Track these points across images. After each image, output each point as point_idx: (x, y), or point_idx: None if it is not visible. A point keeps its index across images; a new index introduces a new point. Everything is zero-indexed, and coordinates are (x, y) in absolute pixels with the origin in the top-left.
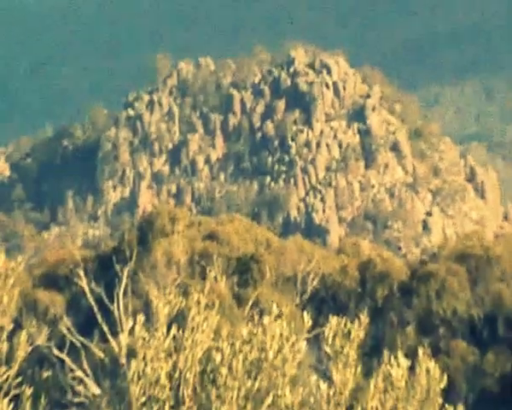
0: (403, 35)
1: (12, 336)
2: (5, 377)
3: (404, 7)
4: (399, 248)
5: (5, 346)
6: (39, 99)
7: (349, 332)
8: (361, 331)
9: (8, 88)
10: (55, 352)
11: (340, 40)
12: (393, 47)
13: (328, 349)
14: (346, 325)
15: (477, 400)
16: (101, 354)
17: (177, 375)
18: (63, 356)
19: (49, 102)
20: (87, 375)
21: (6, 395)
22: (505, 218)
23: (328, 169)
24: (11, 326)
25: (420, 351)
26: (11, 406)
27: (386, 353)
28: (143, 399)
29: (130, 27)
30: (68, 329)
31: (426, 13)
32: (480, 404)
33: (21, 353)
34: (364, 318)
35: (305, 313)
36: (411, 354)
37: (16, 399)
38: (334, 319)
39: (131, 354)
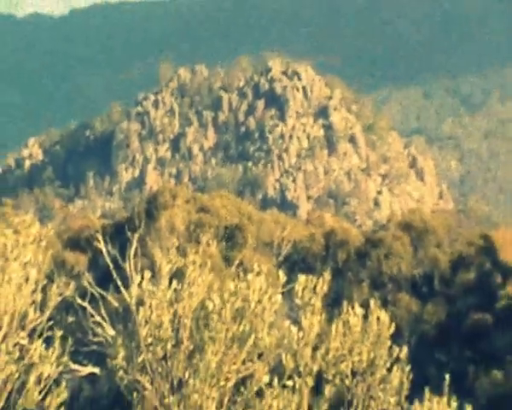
0: (359, 48)
1: (45, 288)
2: (39, 321)
3: (361, 26)
4: (355, 221)
5: (39, 296)
6: (66, 99)
7: (315, 287)
8: (325, 286)
9: (42, 90)
10: (79, 301)
11: (309, 52)
12: (352, 58)
13: (298, 301)
14: (312, 281)
15: (418, 342)
16: (116, 303)
17: (176, 321)
18: (85, 304)
19: (75, 101)
20: (104, 320)
21: (40, 336)
22: (440, 197)
23: (298, 156)
24: (45, 281)
25: (372, 302)
26: (44, 345)
27: (345, 304)
28: (150, 340)
29: (139, 42)
30: (89, 282)
31: (378, 31)
32: (421, 345)
33: (52, 302)
34: (327, 276)
35: (280, 272)
36: (365, 305)
37: (48, 340)
38: (303, 277)
39: (140, 303)
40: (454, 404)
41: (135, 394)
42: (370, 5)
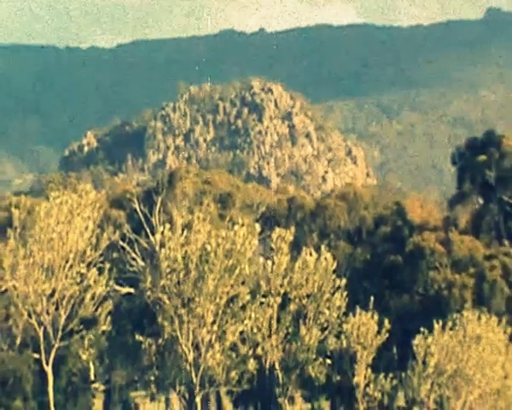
0: (315, 73)
1: (98, 235)
2: (94, 257)
3: (317, 52)
4: (309, 191)
5: (94, 240)
6: (114, 104)
7: (283, 237)
8: (290, 236)
9: (98, 98)
10: (121, 243)
11: (279, 75)
12: (309, 78)
13: (272, 245)
14: (281, 232)
15: (351, 275)
16: (145, 245)
17: (186, 257)
18: (125, 245)
19: (120, 106)
20: (137, 256)
21: (94, 266)
22: (367, 176)
23: (271, 146)
24: (98, 230)
25: (322, 247)
26: (97, 273)
27: (304, 248)
28: (168, 270)
29: (164, 68)
30: (127, 230)
31: (325, 61)
32: (353, 277)
33: (103, 244)
34: (291, 229)
35: (256, 225)
36: (316, 249)
37: (100, 269)
38: (277, 229)
39: (162, 245)
40: (375, 317)
41: (157, 307)
42: (319, 46)
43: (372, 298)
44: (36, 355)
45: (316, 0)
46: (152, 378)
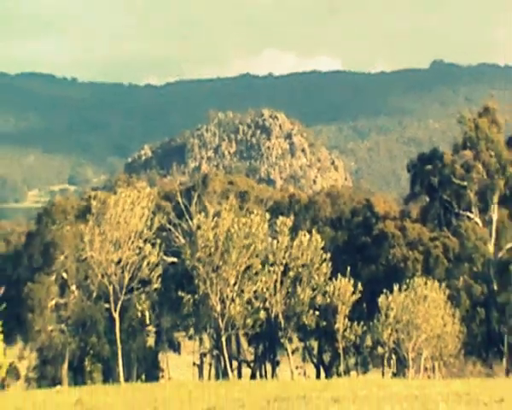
0: (309, 104)
1: (152, 219)
2: (148, 236)
3: (310, 90)
4: (304, 190)
5: (149, 223)
6: (163, 127)
7: (285, 223)
8: (290, 222)
9: (154, 120)
10: (168, 226)
11: (282, 107)
12: (304, 109)
13: (277, 228)
14: (283, 220)
15: (334, 251)
16: (186, 227)
17: (216, 237)
18: (171, 227)
19: (169, 128)
20: (180, 235)
21: (149, 242)
22: (345, 180)
23: (276, 158)
24: (151, 216)
25: (313, 231)
26: (150, 247)
27: (300, 232)
28: (202, 245)
29: (200, 101)
30: (173, 216)
31: (321, 93)
32: (336, 253)
33: (155, 226)
34: (291, 217)
35: (266, 214)
36: (309, 232)
37: (153, 243)
38: (280, 218)
39: (198, 227)
40: (351, 282)
41: (194, 272)
42: (312, 86)
43: (348, 268)
44: (106, 305)
45: (310, 54)
46: (190, 323)
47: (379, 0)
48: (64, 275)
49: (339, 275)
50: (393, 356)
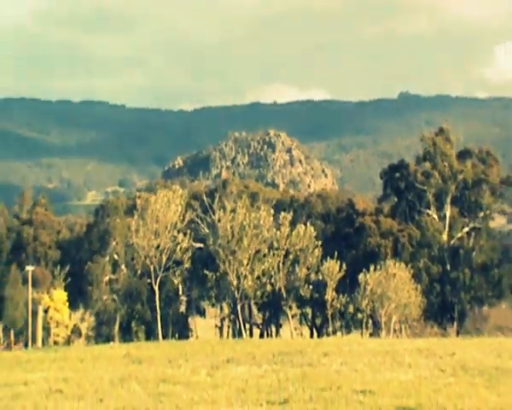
0: (305, 126)
1: (184, 214)
2: (181, 226)
3: (306, 115)
4: (300, 192)
5: (182, 216)
6: (192, 143)
7: (286, 217)
8: (290, 217)
9: (183, 139)
10: (195, 219)
11: (285, 128)
12: (301, 129)
13: (280, 221)
14: (285, 215)
15: (324, 240)
16: (210, 220)
17: (232, 228)
18: (198, 220)
19: (195, 143)
20: (205, 226)
21: (181, 231)
22: (333, 184)
23: (279, 167)
24: (183, 211)
25: (308, 224)
26: (182, 236)
27: (298, 224)
28: (222, 234)
29: (220, 123)
30: (200, 212)
31: (314, 117)
32: (326, 242)
33: (186, 219)
34: (290, 213)
35: (271, 210)
36: (305, 225)
37: (184, 233)
38: (282, 213)
39: (219, 220)
40: (338, 263)
41: (216, 255)
42: (307, 112)
43: (336, 252)
44: (148, 280)
45: (306, 87)
46: (213, 294)
47: (362, 46)
48: (115, 257)
49: (328, 258)
50: (370, 320)
